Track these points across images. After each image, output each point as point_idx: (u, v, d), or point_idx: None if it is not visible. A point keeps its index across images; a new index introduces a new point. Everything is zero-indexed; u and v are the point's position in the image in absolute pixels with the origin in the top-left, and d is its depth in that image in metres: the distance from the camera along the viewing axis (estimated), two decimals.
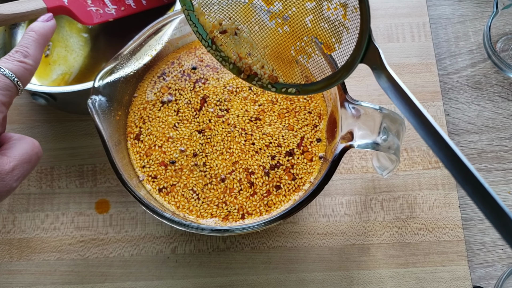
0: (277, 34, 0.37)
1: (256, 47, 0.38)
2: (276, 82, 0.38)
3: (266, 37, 0.37)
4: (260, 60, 0.38)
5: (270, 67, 0.38)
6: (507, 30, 0.55)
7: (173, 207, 0.42)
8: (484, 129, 0.52)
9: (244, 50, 0.38)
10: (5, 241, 0.48)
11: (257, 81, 0.39)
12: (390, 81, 0.32)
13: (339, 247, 0.48)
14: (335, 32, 0.35)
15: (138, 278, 0.47)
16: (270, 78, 0.38)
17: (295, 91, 0.38)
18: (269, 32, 0.37)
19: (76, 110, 0.52)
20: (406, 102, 0.31)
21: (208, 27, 0.38)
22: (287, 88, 0.38)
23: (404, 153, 0.50)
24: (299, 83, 0.38)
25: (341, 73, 0.36)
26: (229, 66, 0.39)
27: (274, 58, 0.38)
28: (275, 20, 0.36)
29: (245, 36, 0.38)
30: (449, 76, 0.54)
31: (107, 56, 0.52)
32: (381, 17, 0.56)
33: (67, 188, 0.50)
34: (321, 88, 0.37)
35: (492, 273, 0.48)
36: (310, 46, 0.37)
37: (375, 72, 0.33)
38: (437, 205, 0.49)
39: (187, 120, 0.44)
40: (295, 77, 0.38)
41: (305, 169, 0.42)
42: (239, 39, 0.38)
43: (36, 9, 0.44)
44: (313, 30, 0.36)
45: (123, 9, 0.50)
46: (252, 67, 0.38)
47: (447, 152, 0.28)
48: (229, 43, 0.38)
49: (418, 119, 0.30)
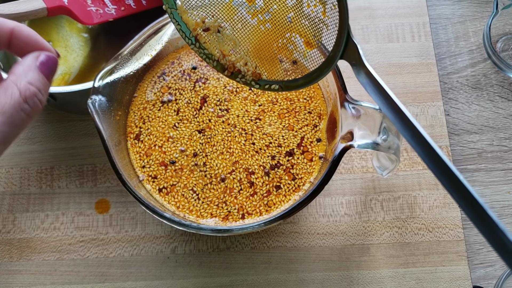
0: (259, 32, 0.37)
1: (239, 45, 0.38)
2: (259, 79, 0.39)
3: (249, 35, 0.38)
4: (243, 57, 0.38)
5: (254, 64, 0.38)
6: (507, 30, 0.55)
7: (173, 207, 0.42)
8: (484, 129, 0.52)
9: (227, 47, 0.38)
10: (5, 241, 0.48)
11: (241, 78, 0.39)
12: (368, 77, 0.33)
13: (339, 247, 0.48)
14: (315, 29, 0.36)
15: (138, 278, 0.47)
16: (253, 75, 0.39)
17: (278, 88, 0.38)
18: (251, 30, 0.38)
19: (76, 110, 0.52)
20: (384, 97, 0.32)
21: (191, 25, 0.38)
22: (270, 84, 0.39)
23: (404, 153, 0.50)
24: (282, 80, 0.38)
25: (321, 69, 0.36)
26: (212, 63, 0.39)
27: (257, 55, 0.38)
28: (257, 18, 0.37)
29: (228, 34, 0.38)
30: (449, 76, 0.54)
31: (107, 56, 0.52)
32: (381, 17, 0.56)
33: (67, 188, 0.50)
34: (303, 85, 0.38)
35: (492, 273, 0.48)
36: (292, 43, 0.37)
37: (354, 68, 0.34)
38: (437, 205, 0.49)
39: (187, 120, 0.44)
40: (278, 74, 0.38)
41: (305, 169, 0.42)
42: (222, 36, 0.38)
43: (36, 9, 0.44)
44: (294, 27, 0.36)
45: (123, 9, 0.50)
46: (236, 64, 0.38)
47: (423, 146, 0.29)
48: (212, 41, 0.38)
49: (395, 113, 0.31)
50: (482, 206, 0.26)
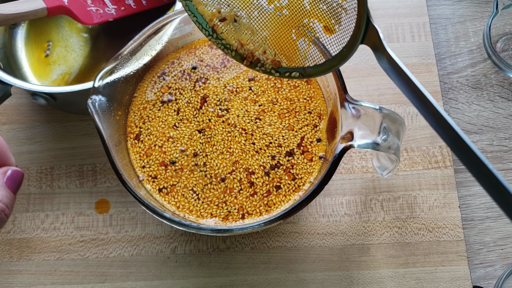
0: (276, 18, 0.37)
1: (257, 33, 0.38)
2: (279, 67, 0.38)
3: (266, 22, 0.37)
4: (261, 45, 0.38)
5: (272, 52, 0.38)
6: (507, 30, 0.55)
7: (173, 207, 0.42)
8: (484, 129, 0.52)
9: (245, 36, 0.38)
10: (5, 241, 0.48)
11: (260, 67, 0.38)
12: (390, 63, 0.32)
13: (339, 247, 0.48)
14: (334, 14, 0.35)
15: (138, 278, 0.47)
16: (273, 63, 0.38)
17: (299, 75, 0.38)
18: (268, 17, 0.37)
19: (76, 110, 0.52)
20: (407, 82, 0.31)
21: (207, 16, 0.37)
22: (291, 72, 0.38)
23: (404, 153, 0.50)
24: (302, 66, 0.38)
25: (343, 55, 0.36)
26: (231, 53, 0.38)
27: (275, 42, 0.38)
28: (273, 4, 0.36)
29: (245, 22, 0.37)
30: (449, 76, 0.54)
31: (107, 56, 0.52)
32: (381, 17, 0.56)
33: (67, 188, 0.50)
34: (324, 71, 0.37)
35: (492, 273, 0.48)
36: (311, 29, 0.36)
37: (376, 53, 0.33)
38: (437, 205, 0.49)
39: (187, 120, 0.44)
40: (298, 61, 0.38)
41: (305, 169, 0.42)
42: (239, 25, 0.38)
43: (36, 9, 0.44)
44: (312, 12, 0.35)
45: (123, 9, 0.50)
46: (254, 53, 0.38)
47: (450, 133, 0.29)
48: (230, 30, 0.38)
49: (418, 99, 0.30)
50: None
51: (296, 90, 0.45)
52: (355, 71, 0.53)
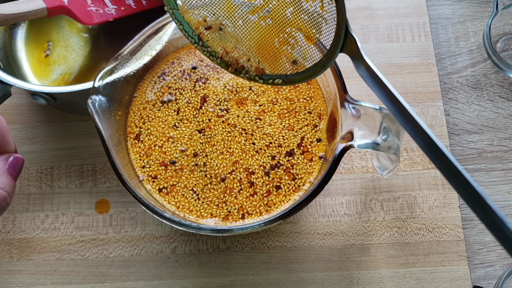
0: (260, 27, 0.38)
1: (241, 41, 0.39)
2: (263, 74, 0.39)
3: (250, 31, 0.38)
4: (246, 53, 0.39)
5: (256, 59, 0.39)
6: (507, 30, 0.55)
7: (173, 207, 0.42)
8: (484, 129, 0.52)
9: (230, 44, 0.39)
10: (5, 241, 0.48)
11: (245, 74, 0.39)
12: (367, 70, 0.34)
13: (339, 247, 0.48)
14: (315, 24, 0.36)
15: (138, 278, 0.47)
16: (257, 70, 0.39)
17: (282, 82, 0.39)
18: (252, 26, 0.38)
19: (76, 110, 0.52)
20: (384, 90, 0.32)
21: (194, 24, 0.38)
22: (274, 79, 0.39)
23: (404, 153, 0.50)
24: (285, 74, 0.39)
25: (323, 63, 0.37)
26: (216, 60, 0.39)
27: (259, 50, 0.39)
28: (257, 14, 0.37)
29: (230, 31, 0.38)
30: (449, 76, 0.54)
31: (107, 56, 0.52)
32: (381, 17, 0.56)
33: (67, 188, 0.50)
34: (306, 78, 0.38)
35: (492, 273, 0.48)
36: (293, 38, 0.38)
37: (354, 61, 0.35)
38: (437, 205, 0.49)
39: (187, 120, 0.44)
40: (281, 68, 0.39)
41: (305, 169, 0.42)
42: (224, 34, 0.39)
43: (36, 9, 0.44)
44: (294, 21, 0.37)
45: (123, 9, 0.50)
46: (239, 61, 0.39)
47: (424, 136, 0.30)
48: (215, 38, 0.39)
49: (395, 105, 0.32)
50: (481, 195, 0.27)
51: (296, 90, 0.45)
52: (355, 71, 0.53)
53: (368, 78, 0.34)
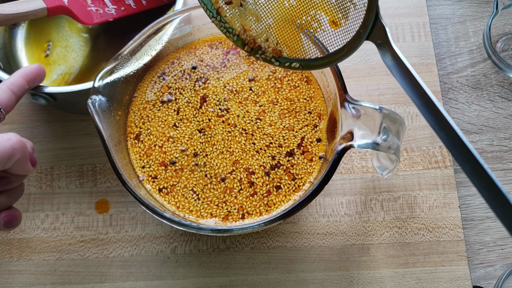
0: (283, 7, 0.36)
1: (261, 19, 0.37)
2: (280, 56, 0.38)
3: (272, 10, 0.37)
4: (264, 32, 0.37)
5: (275, 40, 0.38)
6: (507, 30, 0.55)
7: (173, 207, 0.42)
8: (484, 129, 0.52)
9: (249, 22, 0.37)
10: (5, 241, 0.48)
11: (261, 55, 0.38)
12: (395, 60, 0.32)
13: (339, 247, 0.48)
14: (342, 8, 0.35)
15: (138, 278, 0.47)
16: (274, 52, 0.38)
17: (299, 66, 0.38)
18: (275, 5, 0.37)
19: (76, 110, 0.52)
20: (410, 80, 0.31)
21: None
22: (291, 62, 0.38)
23: (404, 153, 0.50)
24: (303, 58, 0.38)
25: (345, 50, 0.36)
26: (233, 37, 0.38)
27: (279, 31, 0.37)
28: None
29: (251, 8, 0.37)
30: (449, 76, 0.54)
31: (107, 56, 0.52)
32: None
33: (67, 188, 0.50)
34: (325, 64, 0.37)
35: (492, 273, 0.48)
36: (317, 21, 0.36)
37: (380, 49, 0.33)
38: (437, 205, 0.49)
39: (187, 119, 0.44)
40: (300, 52, 0.38)
41: (305, 169, 0.42)
42: (244, 10, 0.37)
43: (36, 9, 0.44)
44: (320, 4, 0.35)
45: (123, 9, 0.50)
46: (256, 40, 0.38)
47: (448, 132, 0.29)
48: (234, 14, 0.37)
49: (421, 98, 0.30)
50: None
51: (296, 90, 0.45)
52: (355, 71, 0.53)
53: (394, 68, 0.32)
